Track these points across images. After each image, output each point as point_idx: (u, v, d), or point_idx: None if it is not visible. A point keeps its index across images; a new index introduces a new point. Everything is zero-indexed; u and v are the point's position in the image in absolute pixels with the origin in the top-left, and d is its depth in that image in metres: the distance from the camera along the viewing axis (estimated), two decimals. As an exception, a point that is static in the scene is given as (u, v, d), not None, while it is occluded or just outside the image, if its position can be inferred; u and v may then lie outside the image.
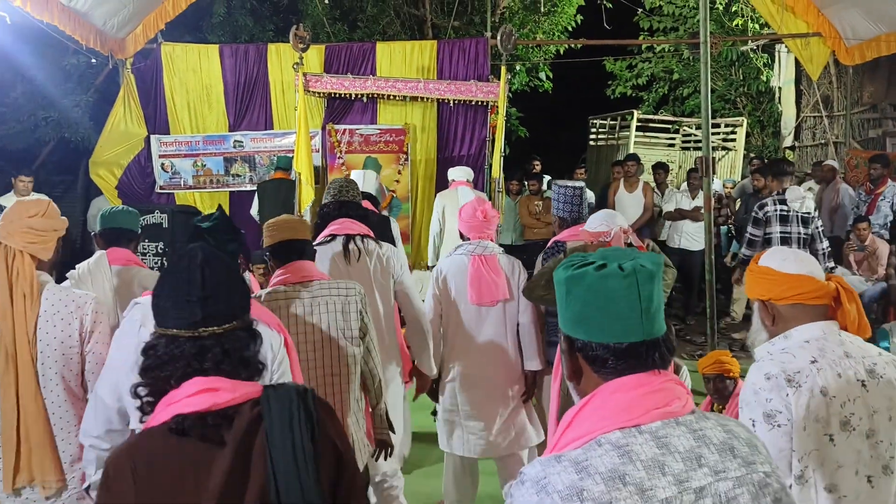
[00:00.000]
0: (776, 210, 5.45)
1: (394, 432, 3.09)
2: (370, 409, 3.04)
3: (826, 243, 5.50)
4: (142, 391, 1.48)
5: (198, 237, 2.54)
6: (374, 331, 2.97)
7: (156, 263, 7.08)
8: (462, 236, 3.63)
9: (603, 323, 1.24)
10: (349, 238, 3.41)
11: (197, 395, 1.41)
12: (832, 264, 5.63)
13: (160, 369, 1.46)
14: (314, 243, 3.23)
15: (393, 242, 4.31)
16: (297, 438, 1.37)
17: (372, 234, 3.52)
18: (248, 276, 4.26)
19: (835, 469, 1.82)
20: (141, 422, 1.47)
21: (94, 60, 8.26)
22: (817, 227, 5.46)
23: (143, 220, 6.45)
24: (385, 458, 3.05)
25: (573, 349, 1.30)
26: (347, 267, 3.37)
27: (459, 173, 7.03)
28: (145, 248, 7.12)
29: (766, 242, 5.43)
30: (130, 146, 8.30)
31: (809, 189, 7.47)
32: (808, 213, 5.42)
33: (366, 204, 4.17)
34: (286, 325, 2.57)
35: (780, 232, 5.42)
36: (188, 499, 1.36)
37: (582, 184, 3.74)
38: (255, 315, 1.68)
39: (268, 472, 1.34)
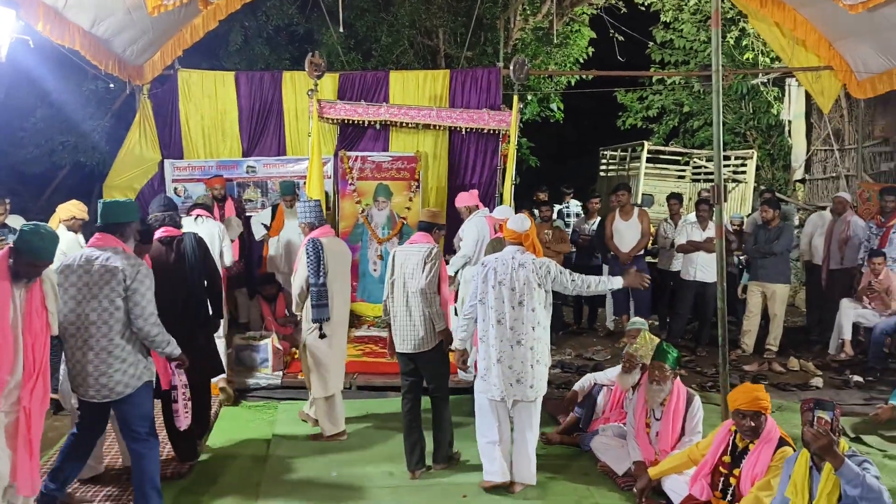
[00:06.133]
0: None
1: None
2: None
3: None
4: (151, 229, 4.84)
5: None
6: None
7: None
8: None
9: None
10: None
11: (166, 231, 4.86)
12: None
13: (153, 223, 4.86)
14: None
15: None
16: (192, 247, 4.86)
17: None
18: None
19: (493, 299, 4.30)
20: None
21: (111, 85, 8.39)
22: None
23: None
24: None
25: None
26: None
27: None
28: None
29: None
30: (145, 170, 8.38)
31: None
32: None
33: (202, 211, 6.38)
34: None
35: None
36: (162, 263, 4.68)
37: (318, 200, 5.55)
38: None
39: (184, 256, 4.83)
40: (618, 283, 4.47)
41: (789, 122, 12.36)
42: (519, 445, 4.41)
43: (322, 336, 5.14)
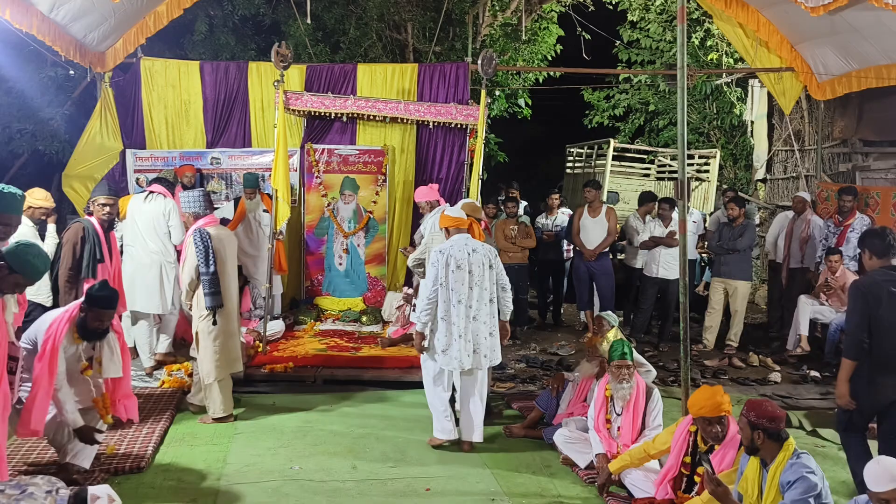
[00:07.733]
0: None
1: None
2: None
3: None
4: None
5: None
6: None
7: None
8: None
9: None
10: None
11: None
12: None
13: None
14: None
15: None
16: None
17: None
18: None
19: (454, 281, 4.83)
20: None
21: (72, 73, 8.20)
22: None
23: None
24: None
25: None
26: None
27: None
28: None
29: None
30: (105, 160, 8.20)
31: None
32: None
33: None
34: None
35: None
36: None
37: (203, 189, 5.78)
38: None
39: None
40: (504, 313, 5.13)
41: (752, 122, 12.55)
42: (467, 409, 4.98)
43: (214, 323, 5.31)
